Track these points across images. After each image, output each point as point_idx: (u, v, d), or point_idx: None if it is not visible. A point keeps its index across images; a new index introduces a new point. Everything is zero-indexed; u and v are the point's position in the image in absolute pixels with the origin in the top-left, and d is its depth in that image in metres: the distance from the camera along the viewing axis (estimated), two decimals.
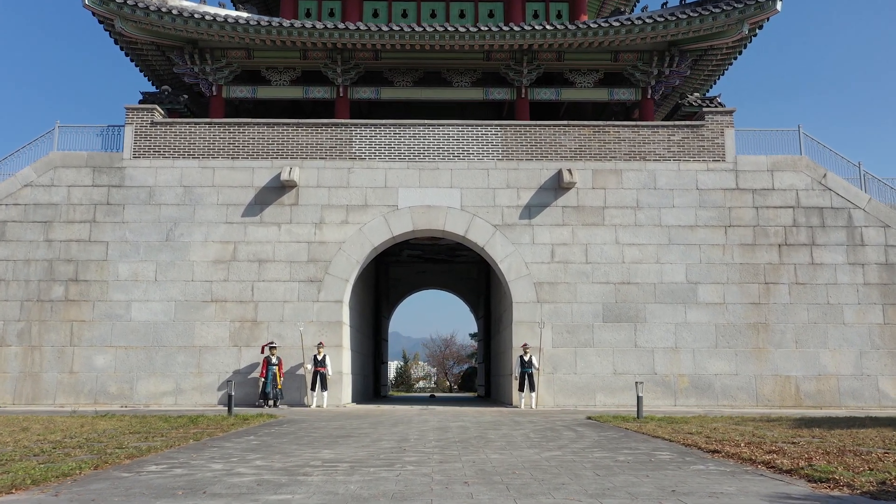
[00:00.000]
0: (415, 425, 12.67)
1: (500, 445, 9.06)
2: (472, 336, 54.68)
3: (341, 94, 22.96)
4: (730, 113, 21.63)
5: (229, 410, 13.99)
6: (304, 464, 7.20)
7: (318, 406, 19.66)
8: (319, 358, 19.77)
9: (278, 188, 21.00)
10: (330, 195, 21.01)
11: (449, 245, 29.03)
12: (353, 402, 22.46)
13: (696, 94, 23.65)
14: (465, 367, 60.13)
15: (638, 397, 14.41)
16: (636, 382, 14.72)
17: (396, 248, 29.56)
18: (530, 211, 21.01)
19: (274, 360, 19.67)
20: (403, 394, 46.32)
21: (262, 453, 8.08)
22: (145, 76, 24.26)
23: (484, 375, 30.88)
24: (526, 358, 19.77)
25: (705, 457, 7.76)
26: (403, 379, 63.12)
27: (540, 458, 7.76)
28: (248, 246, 20.68)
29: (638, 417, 14.18)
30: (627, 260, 20.71)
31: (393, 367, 66.89)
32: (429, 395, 42.66)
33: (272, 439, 9.84)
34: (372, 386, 29.09)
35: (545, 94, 23.34)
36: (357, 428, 11.97)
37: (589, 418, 14.61)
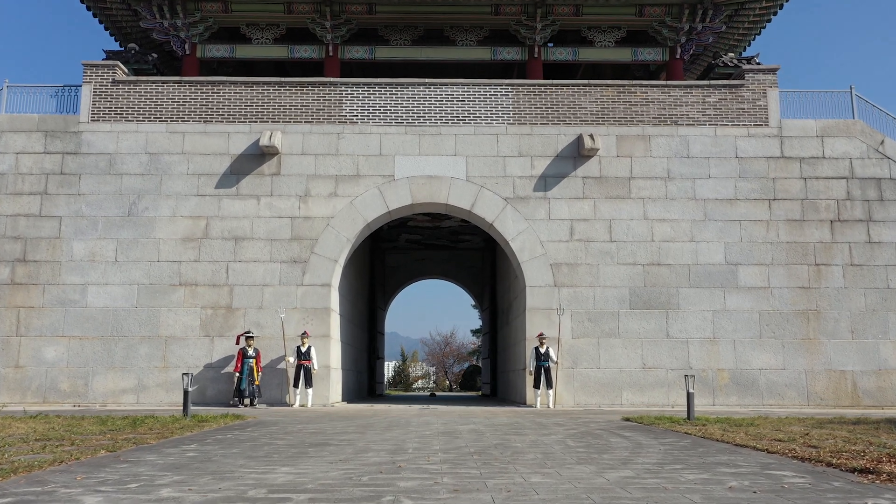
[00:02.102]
0: (414, 429, 10.00)
1: (536, 460, 6.40)
2: (474, 332, 51.95)
3: (331, 54, 20.28)
4: (773, 71, 18.96)
5: (185, 410, 11.32)
6: (238, 496, 4.54)
7: (302, 405, 16.99)
8: (303, 350, 17.11)
9: (257, 156, 18.32)
10: (317, 164, 18.33)
11: (451, 229, 26.37)
12: (343, 400, 19.78)
13: (731, 55, 20.97)
14: (466, 365, 57.39)
15: (688, 394, 11.74)
16: (686, 376, 12.06)
17: (393, 232, 26.90)
18: (546, 182, 18.34)
19: (251, 351, 17.00)
20: (401, 393, 43.58)
21: (186, 474, 5.41)
22: (110, 33, 21.54)
23: (489, 372, 28.18)
24: (542, 350, 17.10)
25: (859, 480, 5.11)
26: (401, 378, 60.34)
27: (606, 482, 5.10)
28: (223, 221, 18.00)
29: (689, 418, 11.52)
30: (657, 238, 18.05)
31: (391, 366, 64.39)
32: (429, 393, 39.91)
33: (218, 449, 7.17)
34: (366, 383, 26.41)
35: (560, 54, 20.67)
36: (340, 433, 9.29)
37: (627, 419, 11.94)
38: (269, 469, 5.70)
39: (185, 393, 11.30)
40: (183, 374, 11.40)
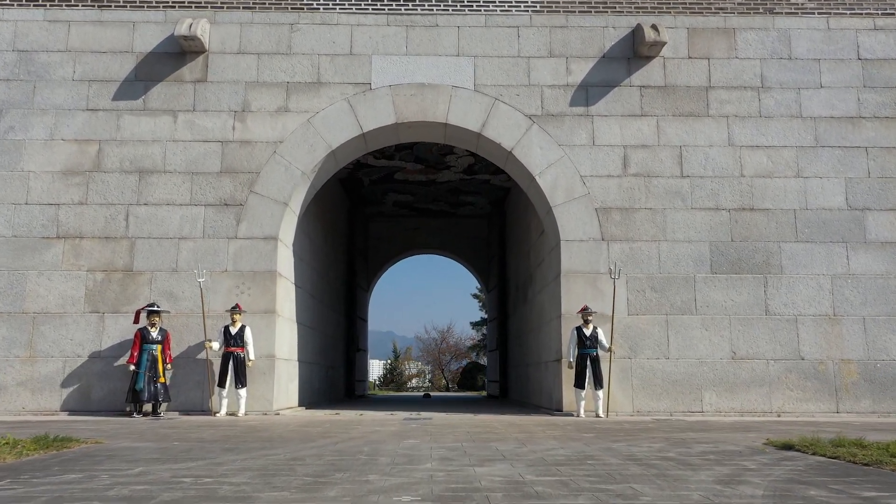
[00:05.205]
0: (377, 480, 4.48)
1: None
2: (474, 325, 46.36)
3: None
4: None
5: None
6: None
7: (231, 413, 11.44)
8: (234, 332, 11.56)
9: (175, 55, 12.76)
10: (260, 66, 12.78)
11: (450, 186, 20.80)
12: (302, 405, 14.21)
13: None
14: (465, 362, 51.78)
15: None
16: None
17: (377, 191, 21.31)
18: (588, 94, 12.82)
19: (154, 334, 11.44)
20: (391, 393, 37.87)
21: None
22: None
23: (498, 368, 22.57)
24: (587, 332, 11.57)
25: None
26: (394, 377, 54.75)
27: None
28: (123, 147, 12.44)
29: None
30: (748, 172, 12.56)
31: (382, 365, 58.71)
32: (422, 394, 34.16)
33: None
34: (343, 382, 20.84)
35: None
36: (197, 498, 3.73)
37: (789, 447, 6.41)
38: None
39: None
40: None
